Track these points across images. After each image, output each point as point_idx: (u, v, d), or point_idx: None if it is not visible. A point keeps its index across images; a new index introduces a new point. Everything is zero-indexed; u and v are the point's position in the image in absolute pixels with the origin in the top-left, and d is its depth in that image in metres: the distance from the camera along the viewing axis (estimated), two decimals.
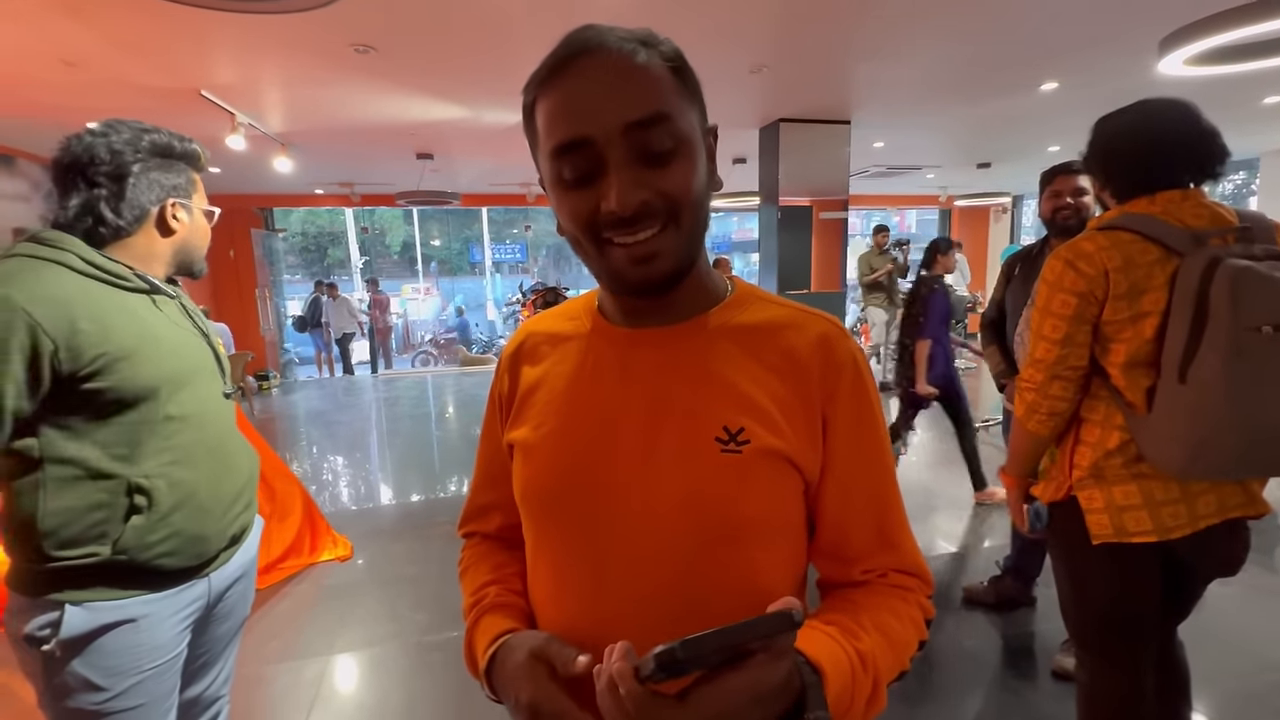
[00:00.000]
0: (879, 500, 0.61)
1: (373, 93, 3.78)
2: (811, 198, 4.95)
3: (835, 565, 0.62)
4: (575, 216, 0.53)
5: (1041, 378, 1.20)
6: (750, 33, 3.02)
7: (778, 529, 0.58)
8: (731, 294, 0.62)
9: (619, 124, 0.50)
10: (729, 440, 0.55)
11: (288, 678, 2.17)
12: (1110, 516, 1.17)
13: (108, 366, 0.93)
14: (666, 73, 0.53)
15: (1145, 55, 3.37)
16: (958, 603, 2.47)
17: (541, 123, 0.54)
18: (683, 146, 0.53)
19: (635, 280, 0.54)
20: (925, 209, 12.03)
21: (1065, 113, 4.81)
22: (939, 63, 3.56)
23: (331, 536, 3.15)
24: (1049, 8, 2.78)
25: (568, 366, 0.63)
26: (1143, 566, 1.19)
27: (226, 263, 8.00)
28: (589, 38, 0.52)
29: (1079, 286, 1.13)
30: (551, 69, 0.53)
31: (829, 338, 0.60)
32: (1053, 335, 1.17)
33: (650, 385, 0.58)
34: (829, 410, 0.58)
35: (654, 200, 0.51)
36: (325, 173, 6.64)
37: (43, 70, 3.17)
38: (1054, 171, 2.02)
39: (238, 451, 1.15)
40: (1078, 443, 1.23)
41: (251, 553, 1.22)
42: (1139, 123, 1.17)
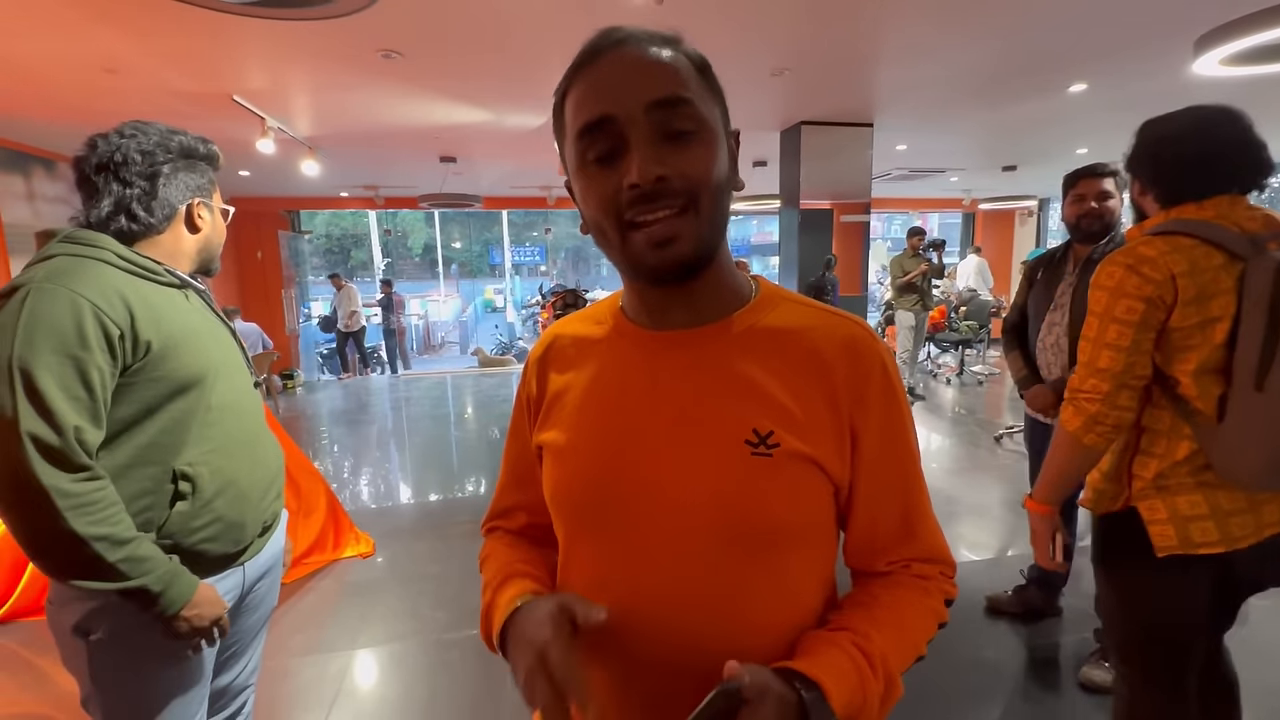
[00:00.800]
0: (907, 501, 0.62)
1: (398, 97, 3.84)
2: (833, 200, 4.92)
3: (863, 559, 0.64)
4: (599, 197, 0.54)
5: (1108, 388, 1.14)
6: (772, 35, 3.02)
7: (806, 531, 0.58)
8: (757, 295, 0.62)
9: (641, 102, 0.52)
10: (759, 443, 0.55)
11: (312, 671, 2.21)
12: (1176, 528, 1.13)
13: (162, 354, 0.97)
14: (690, 68, 0.56)
15: (1177, 56, 3.30)
16: (980, 611, 2.44)
17: (569, 110, 0.56)
18: (703, 131, 0.54)
19: (654, 263, 0.54)
20: (948, 212, 11.87)
21: (1094, 115, 4.72)
22: (965, 65, 3.52)
23: (354, 533, 3.20)
24: (1080, 7, 2.74)
25: (595, 371, 0.63)
26: (1199, 580, 1.16)
27: (254, 263, 8.18)
28: (617, 33, 0.55)
29: (1145, 291, 1.10)
30: (579, 63, 0.55)
31: (856, 340, 0.59)
32: (1119, 342, 1.13)
33: (678, 389, 0.58)
34: (857, 415, 0.58)
35: (673, 178, 0.52)
36: (350, 176, 6.76)
37: (85, 77, 3.28)
38: (1078, 175, 1.99)
39: (268, 443, 1.18)
40: (1138, 453, 1.19)
41: (279, 544, 1.25)
42: (1192, 127, 1.15)
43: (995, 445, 4.66)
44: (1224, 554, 1.12)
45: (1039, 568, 2.36)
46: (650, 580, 0.57)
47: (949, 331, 7.40)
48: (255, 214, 8.09)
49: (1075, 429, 1.19)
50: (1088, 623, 2.23)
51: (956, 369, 7.40)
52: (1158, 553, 1.14)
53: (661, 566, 0.56)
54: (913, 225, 6.24)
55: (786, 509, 0.56)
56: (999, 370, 7.46)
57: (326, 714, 1.99)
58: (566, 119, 0.57)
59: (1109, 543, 1.26)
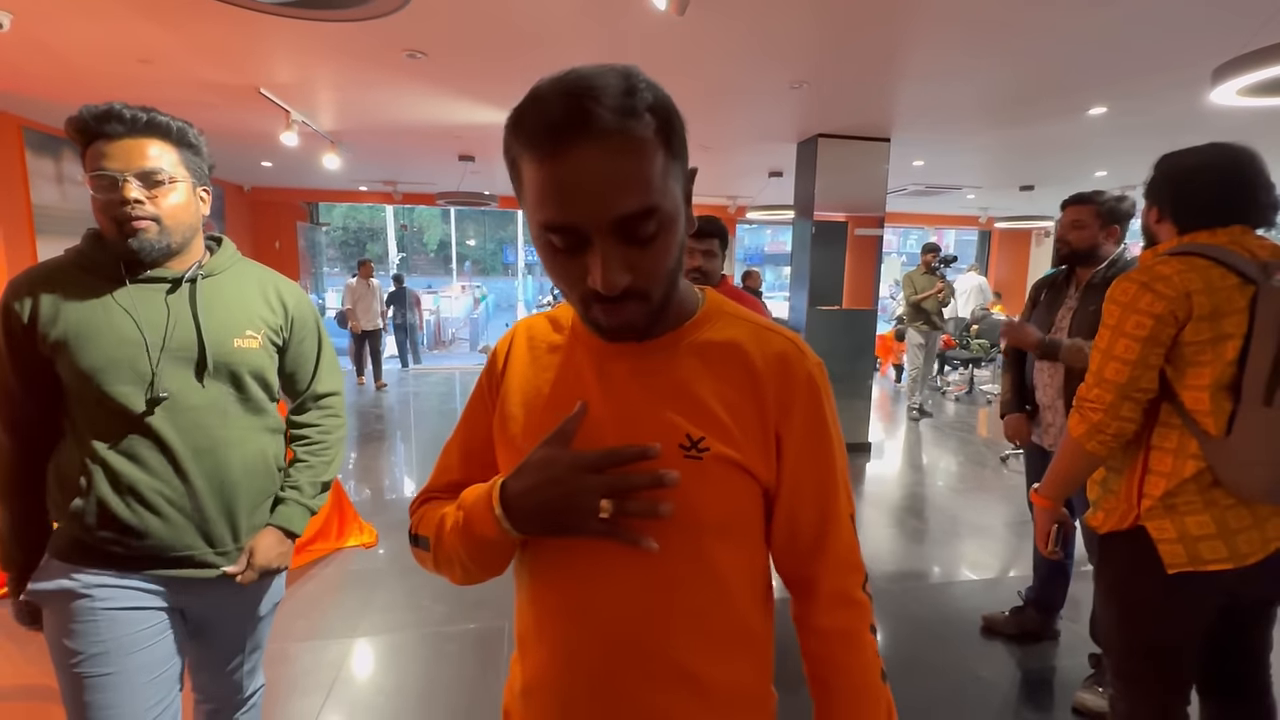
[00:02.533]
0: (824, 505, 0.66)
1: (421, 96, 3.90)
2: (847, 214, 4.92)
3: (788, 563, 0.69)
4: (563, 279, 0.58)
5: (1111, 398, 1.20)
6: (792, 48, 3.04)
7: (736, 528, 0.64)
8: (701, 309, 0.67)
9: (609, 217, 0.52)
10: (691, 447, 0.61)
11: (311, 657, 2.25)
12: (1185, 546, 1.17)
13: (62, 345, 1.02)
14: (655, 139, 0.53)
15: (1198, 83, 3.29)
16: (976, 630, 2.44)
17: (530, 191, 0.55)
18: (665, 227, 0.56)
19: (610, 335, 0.60)
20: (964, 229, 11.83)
21: (1112, 138, 4.71)
22: (985, 84, 3.53)
23: (358, 524, 3.24)
24: (1102, 32, 2.75)
25: (554, 373, 0.68)
26: (1205, 596, 1.21)
27: (272, 254, 8.29)
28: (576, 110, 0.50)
29: (1157, 308, 1.14)
30: (541, 140, 0.52)
31: (786, 355, 0.65)
32: (1125, 355, 1.18)
33: (623, 396, 0.63)
34: (782, 423, 0.63)
35: (636, 280, 0.56)
36: (370, 171, 6.85)
37: (120, 66, 3.36)
38: (1063, 202, 2.09)
39: (216, 459, 1.10)
40: (1147, 471, 1.22)
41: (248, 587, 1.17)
42: (1214, 160, 1.22)
43: (1001, 466, 4.64)
44: (1231, 570, 1.15)
45: (1036, 589, 2.36)
46: (593, 569, 0.62)
47: (959, 350, 7.37)
48: (275, 204, 8.21)
49: (1079, 435, 1.25)
50: (1084, 647, 2.22)
51: (965, 387, 7.37)
52: (1168, 570, 1.18)
53: (603, 556, 0.62)
54: (927, 241, 6.20)
55: (714, 505, 0.61)
56: None
57: (324, 699, 2.02)
58: (525, 186, 0.55)
59: (1114, 560, 1.29)
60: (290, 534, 1.23)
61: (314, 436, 1.30)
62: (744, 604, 0.66)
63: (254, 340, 1.15)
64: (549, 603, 0.65)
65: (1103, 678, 2.02)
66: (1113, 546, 1.29)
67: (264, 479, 1.19)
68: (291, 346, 1.25)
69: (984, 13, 2.57)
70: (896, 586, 2.82)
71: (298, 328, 1.24)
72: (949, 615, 2.57)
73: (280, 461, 1.24)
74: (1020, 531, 3.41)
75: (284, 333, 1.22)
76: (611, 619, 0.62)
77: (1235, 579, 1.17)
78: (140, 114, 1.02)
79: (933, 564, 3.08)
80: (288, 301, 1.23)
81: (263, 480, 1.19)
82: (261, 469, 1.18)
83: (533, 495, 0.58)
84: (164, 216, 1.04)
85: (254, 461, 1.16)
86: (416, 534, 0.71)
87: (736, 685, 0.66)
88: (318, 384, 1.31)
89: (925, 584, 2.86)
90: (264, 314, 1.18)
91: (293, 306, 1.23)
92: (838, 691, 0.67)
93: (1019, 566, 3.02)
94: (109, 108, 1.01)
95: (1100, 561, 1.33)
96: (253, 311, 1.16)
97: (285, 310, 1.22)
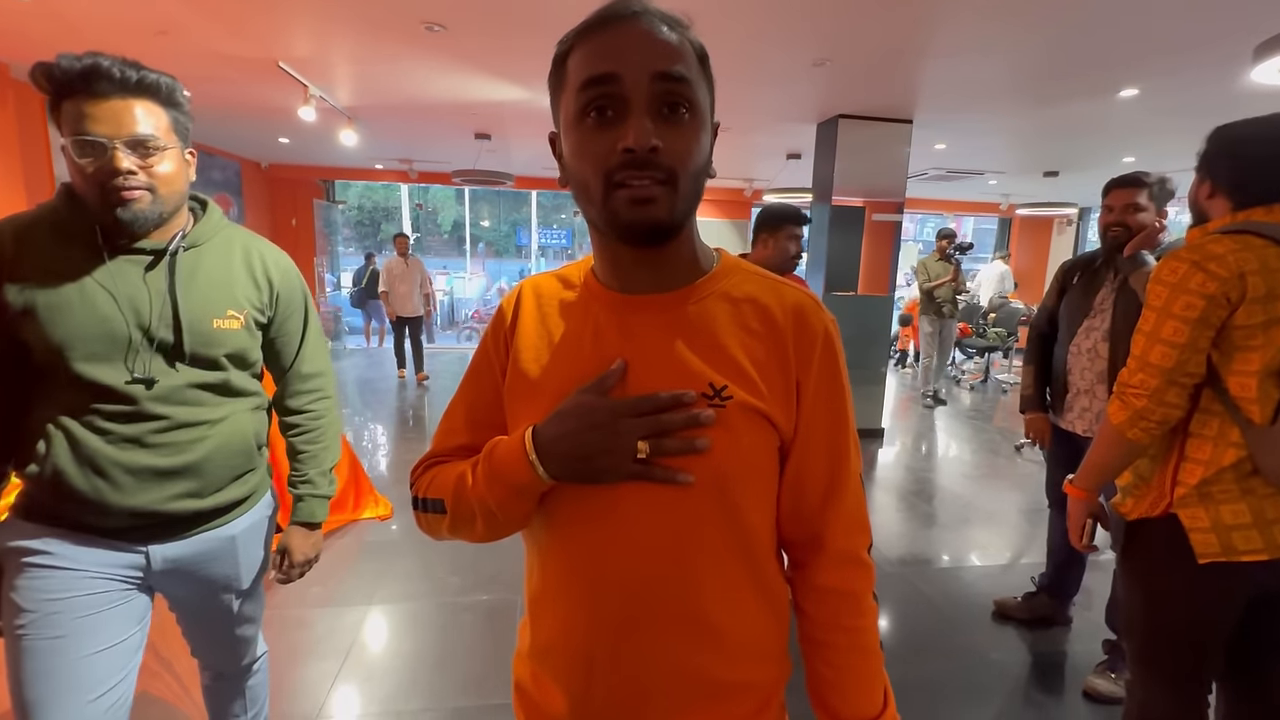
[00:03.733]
0: (833, 460, 0.67)
1: (438, 70, 3.88)
2: (865, 198, 4.85)
3: (797, 516, 0.68)
4: (592, 154, 0.57)
5: (1157, 383, 1.14)
6: (816, 24, 2.98)
7: (756, 479, 0.64)
8: (718, 265, 0.68)
9: (648, 70, 0.56)
10: (714, 395, 0.61)
11: (328, 623, 2.30)
12: (1218, 535, 1.14)
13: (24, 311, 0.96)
14: (692, 53, 0.60)
15: (1235, 63, 3.18)
16: (987, 615, 2.43)
17: (574, 64, 0.59)
18: (696, 112, 0.58)
19: (629, 219, 0.57)
20: (984, 216, 11.61)
21: (1143, 121, 4.58)
22: (1012, 63, 3.44)
23: (374, 496, 3.29)
24: (1136, 8, 2.66)
25: (569, 327, 0.67)
26: (1236, 586, 1.17)
27: (289, 230, 8.33)
28: (632, 4, 0.58)
29: (1209, 289, 1.09)
30: (592, 25, 0.59)
31: (804, 308, 0.66)
32: (1174, 339, 1.12)
33: (647, 344, 0.63)
34: (801, 372, 0.64)
35: (664, 151, 0.56)
36: (386, 148, 6.84)
37: (138, 38, 3.37)
38: (1111, 184, 1.96)
39: (190, 443, 1.05)
40: (1183, 459, 1.18)
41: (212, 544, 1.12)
42: (1273, 131, 1.15)
43: (1015, 454, 4.60)
44: (1265, 562, 1.12)
45: (1050, 575, 2.35)
46: (616, 516, 0.62)
47: (975, 338, 7.29)
48: (292, 181, 8.23)
49: (1120, 423, 1.19)
50: (1097, 634, 2.21)
51: (981, 375, 7.29)
52: (1199, 559, 1.15)
53: (626, 502, 0.62)
54: (943, 227, 6.09)
55: (736, 452, 0.62)
56: None
57: (340, 664, 2.07)
58: (568, 72, 0.59)
59: (1143, 548, 1.26)
60: (316, 525, 1.26)
61: (308, 425, 1.26)
62: (764, 557, 0.66)
63: (236, 320, 1.09)
64: (569, 556, 0.65)
65: (1116, 664, 2.01)
66: (1142, 534, 1.25)
67: (240, 458, 1.14)
68: (276, 324, 1.18)
69: None
70: (908, 570, 2.82)
71: (283, 304, 1.18)
72: (960, 599, 2.57)
73: (262, 438, 1.19)
74: (1034, 519, 3.39)
75: (269, 310, 1.16)
76: (634, 567, 0.62)
77: (1267, 571, 1.14)
78: (130, 71, 0.94)
79: (944, 549, 3.07)
80: (274, 276, 1.16)
81: (239, 459, 1.13)
82: (239, 448, 1.13)
83: (570, 439, 0.59)
84: (159, 185, 0.98)
85: (231, 442, 1.11)
86: (425, 498, 0.70)
87: (757, 642, 0.66)
88: (302, 363, 1.24)
89: (936, 568, 2.86)
90: (248, 291, 1.11)
91: (279, 281, 1.16)
92: (838, 652, 0.67)
93: (1031, 553, 3.00)
94: (94, 63, 0.91)
95: (1127, 548, 1.30)
96: (236, 288, 1.10)
97: (271, 286, 1.15)
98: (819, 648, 0.68)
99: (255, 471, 1.19)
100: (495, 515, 0.64)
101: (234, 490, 1.14)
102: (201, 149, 6.54)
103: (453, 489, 0.67)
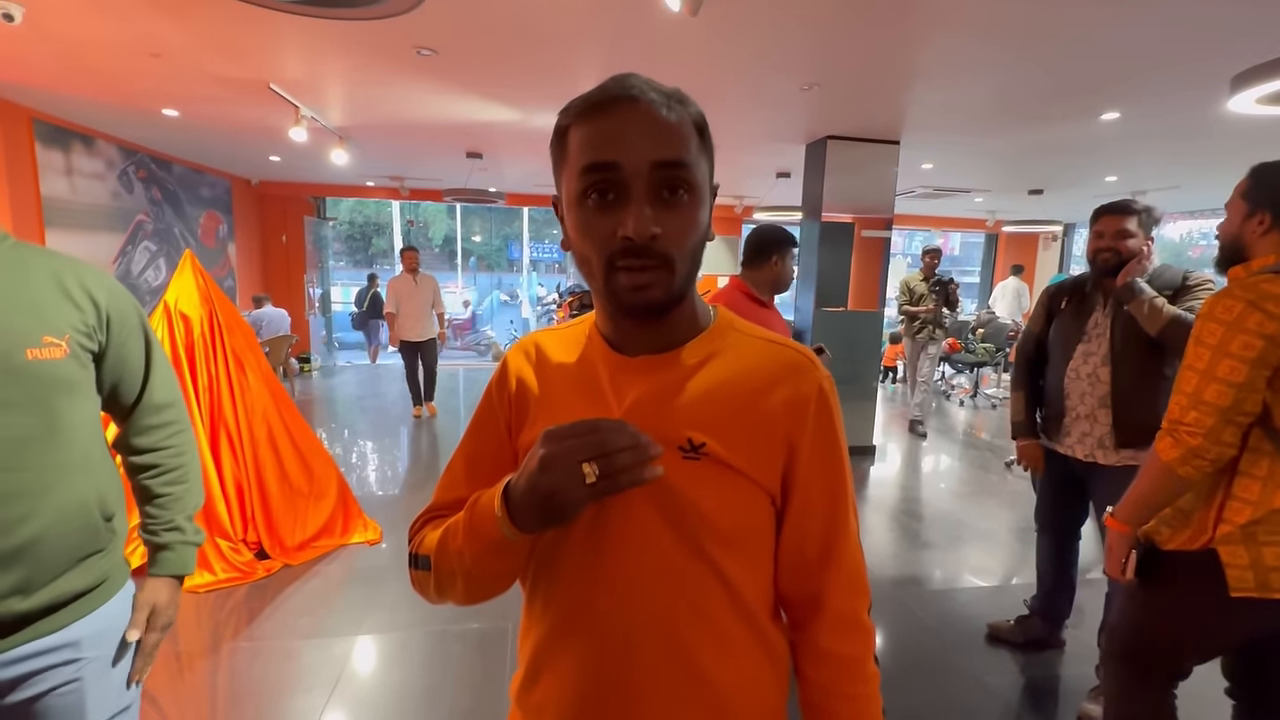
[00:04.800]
0: (832, 519, 0.66)
1: (431, 93, 3.89)
2: (854, 215, 4.90)
3: (796, 576, 0.67)
4: (594, 237, 0.59)
5: (1213, 422, 1.15)
6: (804, 50, 3.02)
7: (746, 539, 0.65)
8: (713, 323, 0.69)
9: (648, 160, 0.57)
10: (690, 450, 0.62)
11: (315, 654, 2.26)
12: (1255, 574, 1.16)
13: None
14: (692, 130, 0.61)
15: (1214, 90, 3.26)
16: (981, 635, 2.43)
17: (575, 144, 0.60)
18: (694, 194, 0.60)
19: (629, 302, 0.60)
20: (971, 232, 11.76)
21: (1125, 143, 4.67)
22: (996, 88, 3.51)
23: (363, 520, 3.25)
24: (1117, 37, 2.72)
25: (571, 385, 0.68)
26: (1258, 620, 1.21)
27: (278, 247, 8.30)
28: (630, 85, 0.59)
29: (1268, 329, 1.10)
30: (594, 105, 0.59)
31: (797, 367, 0.66)
32: (1230, 378, 1.13)
33: (635, 405, 0.64)
34: (795, 435, 0.64)
35: (662, 238, 0.57)
36: (378, 166, 6.84)
37: (132, 59, 3.37)
38: (1100, 210, 1.98)
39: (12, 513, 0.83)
40: (1230, 497, 1.19)
41: (43, 660, 0.87)
42: None
43: (1005, 471, 4.62)
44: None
45: (1041, 600, 2.35)
46: (608, 570, 0.63)
47: (964, 353, 7.34)
48: (282, 199, 8.21)
49: (1171, 459, 1.19)
50: (1090, 658, 2.21)
51: (971, 391, 7.34)
52: (1232, 593, 1.17)
53: (617, 556, 0.63)
54: (930, 244, 6.08)
55: (712, 507, 0.62)
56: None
57: (328, 697, 2.03)
58: (570, 149, 0.60)
59: (1170, 575, 1.28)
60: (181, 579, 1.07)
61: (168, 463, 1.06)
62: (759, 613, 0.66)
63: (57, 348, 0.88)
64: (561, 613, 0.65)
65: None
66: (1173, 564, 1.26)
67: (81, 534, 0.90)
68: (112, 350, 0.97)
69: (997, 15, 2.54)
70: (900, 591, 2.82)
71: (116, 326, 0.97)
72: (953, 621, 2.56)
73: (108, 508, 0.95)
74: (1025, 538, 3.40)
75: (99, 334, 0.95)
76: (628, 617, 0.63)
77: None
78: None
79: (936, 569, 3.07)
80: (97, 294, 0.95)
81: (78, 536, 0.90)
82: (78, 522, 0.90)
83: (531, 481, 0.56)
84: None
85: (69, 512, 0.88)
86: (416, 554, 0.69)
87: (755, 698, 0.66)
88: (152, 392, 1.04)
89: (928, 589, 2.86)
90: (66, 314, 0.90)
91: (105, 300, 0.95)
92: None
93: (1023, 573, 3.01)
94: None
95: (1154, 575, 1.30)
96: (47, 311, 0.88)
97: (96, 305, 0.94)
98: (821, 715, 0.68)
99: (104, 554, 0.95)
100: (471, 573, 0.63)
101: (73, 579, 0.89)
102: (191, 166, 6.52)
103: (438, 544, 0.66)
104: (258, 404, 2.96)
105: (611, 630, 0.63)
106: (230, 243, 7.36)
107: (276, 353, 6.18)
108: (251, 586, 2.70)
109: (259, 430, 2.95)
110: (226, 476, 2.87)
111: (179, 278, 2.90)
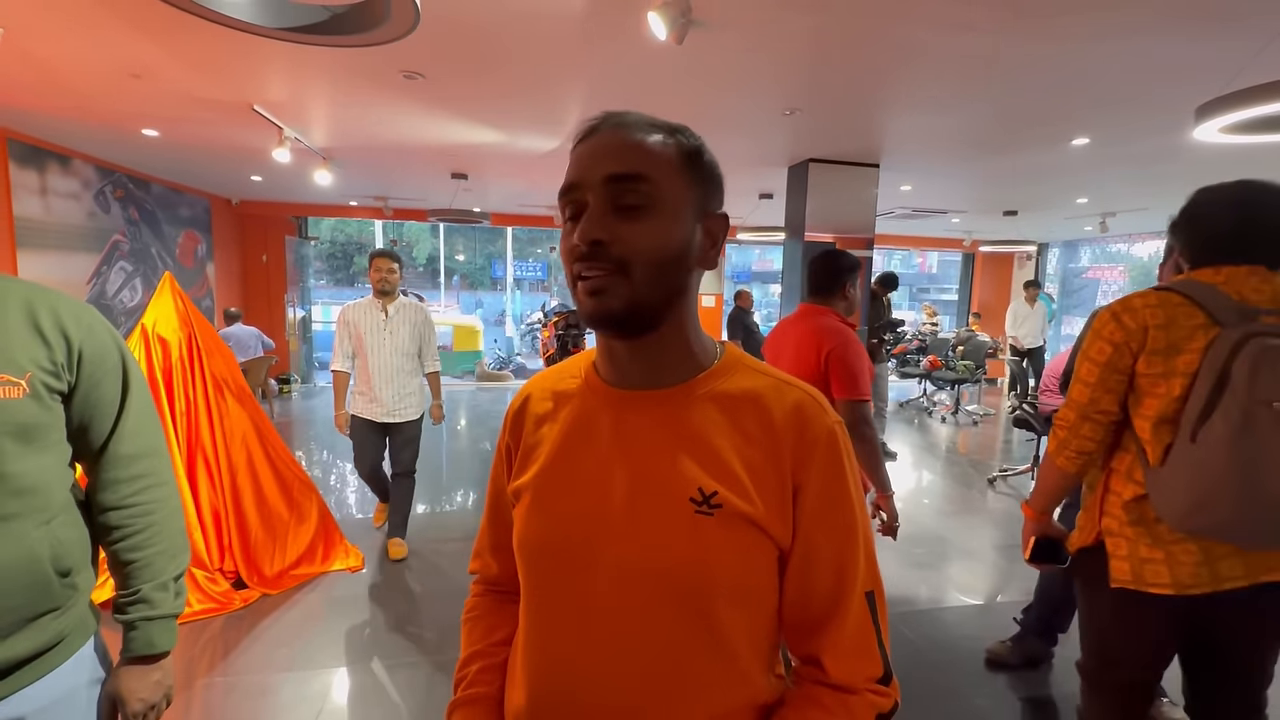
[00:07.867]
0: (842, 566, 0.61)
1: (416, 116, 3.90)
2: (836, 235, 4.99)
3: (797, 630, 0.64)
4: (564, 249, 0.62)
5: (1073, 417, 1.29)
6: (786, 77, 3.09)
7: (746, 591, 0.61)
8: (719, 360, 0.66)
9: (600, 174, 0.59)
10: (702, 502, 0.59)
11: (293, 689, 2.18)
12: (1131, 565, 1.24)
13: None
14: (673, 153, 0.61)
15: (1180, 117, 3.39)
16: (971, 655, 2.42)
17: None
18: (655, 207, 0.59)
19: (588, 310, 0.60)
20: (948, 251, 12.01)
21: (1095, 167, 4.83)
22: (971, 116, 3.61)
23: (344, 546, 3.18)
24: (1085, 69, 2.82)
25: (566, 425, 0.67)
26: (1151, 618, 1.26)
27: (258, 267, 8.19)
28: (612, 115, 0.62)
29: (1116, 337, 1.22)
30: (579, 137, 0.63)
31: (805, 408, 0.62)
32: (1086, 378, 1.27)
33: (636, 447, 0.62)
34: (800, 479, 0.60)
35: (611, 244, 0.58)
36: (362, 186, 6.81)
37: (111, 80, 3.33)
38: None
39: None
40: (1108, 491, 1.30)
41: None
42: (1230, 196, 1.24)
43: (988, 487, 4.66)
44: (1176, 598, 1.19)
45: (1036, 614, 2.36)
46: (594, 633, 0.61)
47: (945, 370, 7.44)
48: (263, 218, 8.13)
49: (1050, 451, 1.35)
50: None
51: (952, 408, 7.43)
52: (1111, 584, 1.26)
53: (604, 619, 0.60)
54: (884, 272, 5.93)
55: (725, 567, 0.59)
56: (994, 411, 7.49)
57: None
58: None
59: (1080, 573, 1.39)
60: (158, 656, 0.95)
61: (133, 525, 0.94)
62: (757, 676, 0.63)
63: (15, 387, 0.81)
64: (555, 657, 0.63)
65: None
66: (1080, 560, 1.38)
67: (29, 593, 0.82)
68: (81, 391, 0.89)
69: (971, 48, 2.63)
70: (890, 612, 2.80)
71: (90, 365, 0.89)
72: (942, 641, 2.56)
73: (64, 562, 0.86)
74: (1010, 555, 3.42)
75: (67, 373, 0.87)
76: (613, 687, 0.60)
77: (1184, 608, 1.21)
78: None
79: (923, 588, 3.07)
80: (70, 330, 0.88)
81: (26, 595, 0.82)
82: (25, 580, 0.81)
83: None
84: None
85: (14, 568, 0.81)
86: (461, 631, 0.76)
87: None
88: (120, 441, 0.93)
89: (917, 610, 2.85)
90: (31, 350, 0.84)
91: (79, 337, 0.88)
92: None
93: (1010, 591, 3.02)
94: None
95: (1075, 572, 1.41)
96: (12, 346, 0.83)
97: (68, 342, 0.87)
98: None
99: (59, 614, 0.86)
100: None
101: (19, 642, 0.81)
102: (170, 186, 6.44)
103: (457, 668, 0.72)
104: (237, 429, 2.90)
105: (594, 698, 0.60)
106: (209, 262, 7.25)
107: (255, 374, 6.06)
108: (228, 617, 2.62)
109: (238, 456, 2.88)
110: (204, 504, 2.79)
111: (158, 300, 2.84)
